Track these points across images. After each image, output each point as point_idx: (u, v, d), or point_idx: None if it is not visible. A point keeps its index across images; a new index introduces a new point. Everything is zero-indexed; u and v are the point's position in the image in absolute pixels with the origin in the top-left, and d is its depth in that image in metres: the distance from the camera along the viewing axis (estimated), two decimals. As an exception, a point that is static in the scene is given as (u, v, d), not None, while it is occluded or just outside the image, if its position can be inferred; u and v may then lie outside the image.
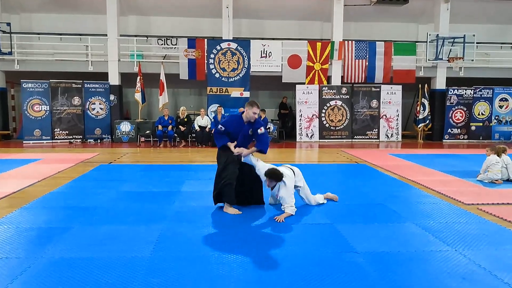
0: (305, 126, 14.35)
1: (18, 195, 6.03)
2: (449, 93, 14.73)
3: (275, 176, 4.93)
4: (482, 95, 14.73)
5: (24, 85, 13.22)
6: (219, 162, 5.31)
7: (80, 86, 13.79)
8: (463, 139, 14.85)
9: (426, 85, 14.40)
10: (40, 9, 14.99)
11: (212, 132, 4.42)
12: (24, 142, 13.11)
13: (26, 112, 13.21)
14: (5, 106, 14.53)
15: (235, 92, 14.01)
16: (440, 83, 14.98)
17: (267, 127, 13.34)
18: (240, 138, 5.19)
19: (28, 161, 9.04)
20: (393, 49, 14.51)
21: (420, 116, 14.49)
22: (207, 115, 13.43)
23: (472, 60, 14.62)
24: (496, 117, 14.79)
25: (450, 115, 14.80)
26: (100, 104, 13.93)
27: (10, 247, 3.87)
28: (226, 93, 14.00)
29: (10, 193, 6.05)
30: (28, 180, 6.89)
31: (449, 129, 14.87)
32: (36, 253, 3.72)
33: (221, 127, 5.27)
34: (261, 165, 5.12)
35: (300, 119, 14.35)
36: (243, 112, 5.20)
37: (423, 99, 14.36)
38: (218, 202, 5.29)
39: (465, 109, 14.77)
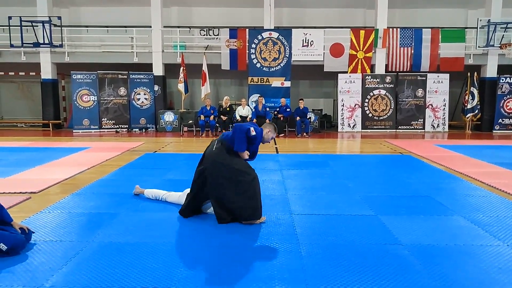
0: (347, 116, 14.12)
1: (70, 181, 6.32)
2: (501, 81, 14.02)
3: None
4: (537, 83, 13.93)
5: (74, 76, 13.78)
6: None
7: (125, 77, 14.21)
8: (516, 129, 14.13)
9: (475, 73, 13.77)
10: (88, 2, 15.53)
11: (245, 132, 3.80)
12: (73, 131, 13.71)
13: (75, 102, 13.79)
14: (56, 96, 15.22)
15: (276, 82, 13.98)
16: (491, 71, 14.28)
17: (308, 117, 13.24)
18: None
19: (78, 149, 9.44)
20: (440, 36, 13.97)
21: (469, 106, 13.91)
22: (248, 105, 13.49)
23: (527, 46, 13.80)
24: (553, 107, 13.95)
25: (501, 105, 14.11)
26: (144, 94, 14.31)
27: (64, 231, 4.08)
28: (267, 83, 13.99)
29: (62, 179, 6.35)
30: (78, 168, 7.21)
31: (500, 119, 14.18)
32: (88, 237, 3.90)
33: (254, 134, 4.38)
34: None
35: (342, 108, 14.13)
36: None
37: (472, 88, 13.76)
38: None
39: (518, 98, 14.04)
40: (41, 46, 13.92)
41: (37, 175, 6.69)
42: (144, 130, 14.21)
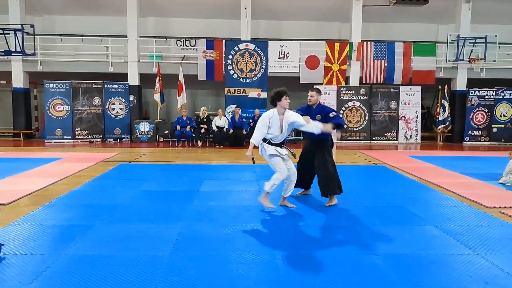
0: (323, 127, 14.27)
1: (41, 193, 6.16)
2: (470, 94, 14.48)
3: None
4: (505, 97, 14.45)
5: (47, 85, 13.50)
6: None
7: (100, 86, 14.01)
8: (484, 141, 14.57)
9: (446, 86, 14.19)
10: (62, 10, 15.29)
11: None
12: (46, 141, 13.39)
13: (48, 112, 13.49)
14: (28, 106, 14.84)
15: (253, 93, 14.05)
16: (460, 84, 14.74)
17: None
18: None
19: (50, 160, 9.22)
20: (412, 50, 14.34)
21: (440, 118, 14.27)
22: (225, 116, 13.50)
23: (494, 61, 14.34)
24: (519, 119, 14.50)
25: (471, 117, 14.55)
26: (119, 104, 14.13)
27: (34, 243, 3.97)
28: (244, 94, 14.04)
29: (33, 191, 6.19)
30: (50, 179, 7.03)
31: (470, 131, 14.62)
32: (59, 250, 3.80)
33: None
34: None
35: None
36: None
37: (443, 100, 14.15)
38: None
39: (486, 110, 14.50)
40: (12, 54, 13.59)
41: (6, 186, 6.49)
42: (118, 141, 14.01)
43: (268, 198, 5.25)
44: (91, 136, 13.89)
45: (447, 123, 14.26)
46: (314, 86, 5.80)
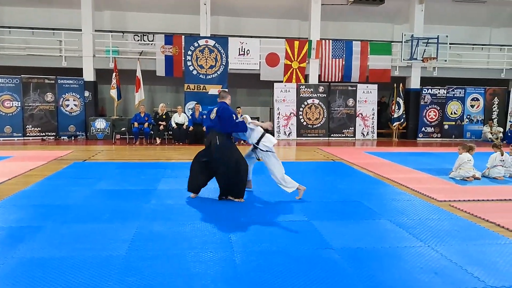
0: (283, 124, 14.41)
1: (-12, 193, 5.84)
2: (423, 92, 15.03)
3: None
4: (455, 95, 15.10)
5: (-5, 80, 12.82)
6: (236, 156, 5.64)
7: (53, 82, 13.46)
8: (437, 137, 15.19)
9: (401, 85, 14.65)
10: (12, 2, 14.54)
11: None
12: (-6, 139, 12.73)
13: (-4, 108, 12.83)
14: (-26, 101, 14.05)
15: (213, 90, 13.93)
16: (414, 83, 15.27)
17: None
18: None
19: (-1, 158, 8.78)
20: (369, 49, 14.70)
21: (395, 115, 14.73)
22: (184, 113, 13.32)
23: (445, 61, 14.95)
24: (468, 116, 15.20)
25: (424, 114, 15.11)
26: (74, 100, 13.64)
27: (-21, 247, 3.75)
28: (204, 90, 13.91)
29: (-21, 191, 5.86)
30: (-2, 178, 6.69)
31: (423, 128, 15.18)
32: (6, 253, 3.62)
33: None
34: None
35: (278, 117, 14.40)
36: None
37: (398, 98, 14.61)
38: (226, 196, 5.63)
39: (438, 108, 15.11)
40: (-44, 46, 12.84)
41: (-51, 187, 6.11)
42: (73, 138, 13.52)
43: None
44: (44, 134, 13.33)
45: (402, 120, 14.74)
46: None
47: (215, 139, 5.51)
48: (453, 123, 15.16)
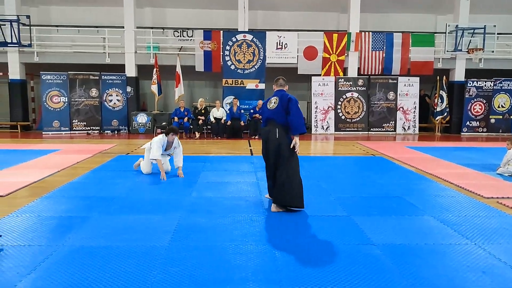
0: (321, 118, 14.27)
1: (39, 184, 6.15)
2: (468, 85, 14.46)
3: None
4: (503, 87, 14.43)
5: (44, 77, 13.41)
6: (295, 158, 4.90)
7: (97, 78, 13.94)
8: (482, 132, 14.59)
9: (444, 77, 14.15)
10: (59, 1, 15.15)
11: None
12: (43, 133, 13.34)
13: (45, 103, 13.43)
14: (25, 97, 14.77)
15: (251, 84, 14.00)
16: (459, 75, 14.71)
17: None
18: None
19: (48, 151, 9.20)
20: (410, 41, 14.28)
21: (438, 109, 14.27)
22: (223, 107, 13.45)
23: (493, 51, 14.30)
24: (517, 110, 14.50)
25: (468, 108, 14.55)
26: (117, 95, 14.07)
27: (33, 235, 3.96)
28: (242, 85, 13.99)
29: (31, 182, 6.18)
30: (48, 170, 7.02)
31: (468, 122, 14.62)
32: (57, 241, 3.80)
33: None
34: None
35: (316, 111, 14.27)
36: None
37: (441, 91, 14.13)
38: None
39: (484, 101, 14.50)
40: (8, 45, 13.48)
41: (4, 178, 6.47)
42: (116, 132, 13.97)
43: None
44: (89, 128, 13.85)
45: (445, 114, 14.26)
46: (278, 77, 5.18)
47: (274, 132, 4.78)
48: (500, 116, 14.51)
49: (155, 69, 13.90)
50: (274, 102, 4.92)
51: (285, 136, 4.81)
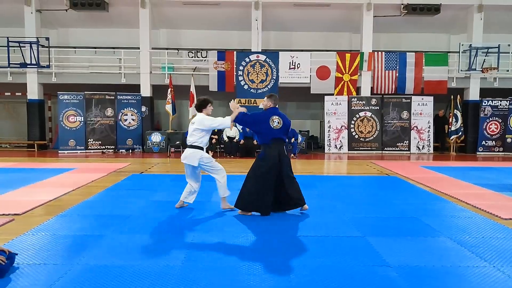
0: (334, 137, 14.24)
1: (54, 203, 6.22)
2: (483, 104, 14.34)
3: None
4: (518, 106, 14.28)
5: (61, 97, 13.70)
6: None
7: (113, 97, 14.18)
8: (498, 151, 14.39)
9: (458, 96, 14.07)
10: (76, 23, 15.56)
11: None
12: (59, 152, 13.55)
13: (62, 123, 13.68)
14: (43, 117, 15.08)
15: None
16: (473, 94, 14.62)
17: (296, 138, 13.30)
18: None
19: (63, 170, 9.33)
20: (424, 60, 14.30)
21: (453, 128, 14.14)
22: (236, 126, 13.52)
23: (508, 70, 14.22)
24: (533, 129, 14.28)
25: (484, 127, 14.39)
26: (132, 115, 14.27)
27: (48, 253, 4.00)
28: (255, 105, 14.07)
29: (47, 201, 6.25)
30: (63, 189, 7.10)
31: (483, 141, 14.44)
32: (72, 259, 3.82)
33: None
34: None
35: (329, 130, 14.26)
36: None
37: (455, 110, 14.03)
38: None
39: (500, 120, 14.33)
40: (28, 66, 13.86)
41: (21, 196, 6.57)
42: (130, 151, 14.12)
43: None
44: (104, 147, 14.03)
45: (460, 133, 14.12)
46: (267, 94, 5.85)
47: (283, 150, 5.48)
48: (517, 136, 14.31)
49: (169, 89, 14.10)
50: (278, 122, 5.41)
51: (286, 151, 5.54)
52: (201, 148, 5.67)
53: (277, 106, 5.61)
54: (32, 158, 12.47)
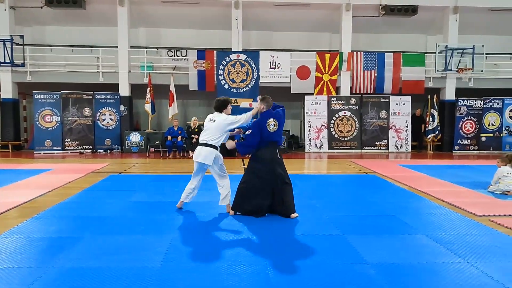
0: (314, 136, 14.34)
1: (29, 205, 6.08)
2: (459, 103, 14.65)
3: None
4: (492, 106, 14.64)
5: (36, 96, 13.40)
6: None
7: (90, 97, 13.95)
8: (473, 150, 14.72)
9: (435, 96, 14.33)
10: (53, 21, 15.24)
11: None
12: (35, 152, 13.25)
13: (37, 123, 13.37)
14: (17, 117, 14.72)
15: (244, 103, 14.06)
16: (449, 94, 14.92)
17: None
18: None
19: (39, 171, 9.12)
20: (402, 60, 14.52)
21: (430, 127, 14.40)
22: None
23: (482, 71, 14.56)
24: (507, 128, 14.67)
25: (460, 126, 14.70)
26: (110, 115, 14.07)
27: (21, 256, 3.90)
28: (235, 104, 14.02)
29: (21, 203, 6.10)
30: (39, 190, 6.95)
31: (459, 140, 14.76)
32: (47, 262, 3.75)
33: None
34: None
35: (309, 129, 14.35)
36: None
37: (432, 109, 14.29)
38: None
39: (475, 119, 14.67)
40: (1, 65, 13.50)
41: (-6, 198, 6.40)
42: (109, 151, 13.91)
43: None
44: (81, 147, 13.79)
45: (437, 132, 14.39)
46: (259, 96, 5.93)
47: (276, 153, 5.48)
48: (491, 135, 14.67)
49: (148, 88, 13.96)
50: (274, 125, 5.47)
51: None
52: (217, 148, 5.64)
53: (270, 108, 5.60)
54: (6, 159, 12.16)
